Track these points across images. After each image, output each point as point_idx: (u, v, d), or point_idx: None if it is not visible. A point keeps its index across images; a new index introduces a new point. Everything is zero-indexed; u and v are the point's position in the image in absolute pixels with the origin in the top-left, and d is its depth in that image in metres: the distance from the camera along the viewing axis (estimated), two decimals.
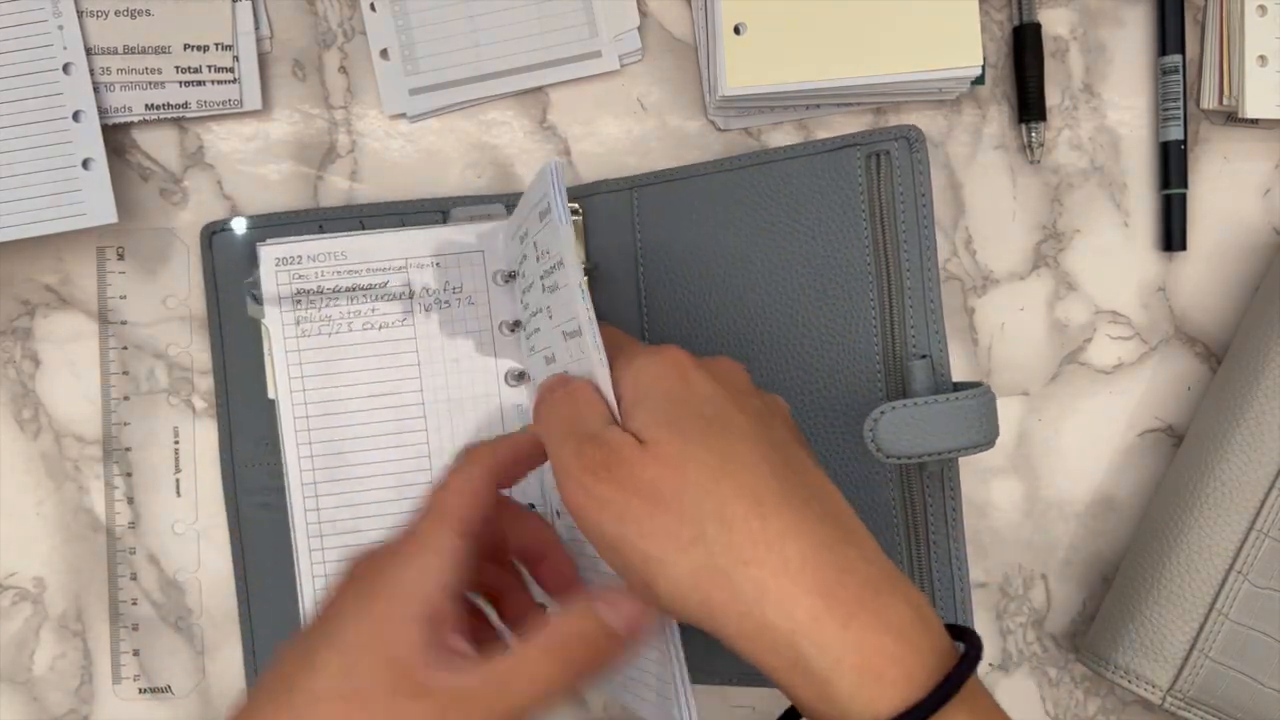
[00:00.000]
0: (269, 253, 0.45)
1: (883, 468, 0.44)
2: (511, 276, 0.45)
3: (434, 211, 0.49)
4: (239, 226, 0.49)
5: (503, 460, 0.35)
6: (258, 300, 0.45)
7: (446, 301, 0.45)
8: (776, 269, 0.46)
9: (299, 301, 0.45)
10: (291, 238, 0.45)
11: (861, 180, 0.44)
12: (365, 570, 0.33)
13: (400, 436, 0.45)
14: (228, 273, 0.48)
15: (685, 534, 0.30)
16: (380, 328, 0.45)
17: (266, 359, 0.45)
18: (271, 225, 0.49)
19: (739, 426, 0.32)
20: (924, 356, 0.43)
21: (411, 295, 0.45)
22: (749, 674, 0.41)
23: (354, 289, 0.45)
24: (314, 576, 0.45)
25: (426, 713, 0.30)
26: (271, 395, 0.45)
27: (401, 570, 0.32)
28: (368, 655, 0.31)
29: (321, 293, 0.45)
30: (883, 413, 0.40)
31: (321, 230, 0.48)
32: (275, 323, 0.45)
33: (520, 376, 0.45)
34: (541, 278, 0.40)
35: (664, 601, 0.31)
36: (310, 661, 0.31)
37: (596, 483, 0.31)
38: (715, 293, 0.47)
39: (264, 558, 0.48)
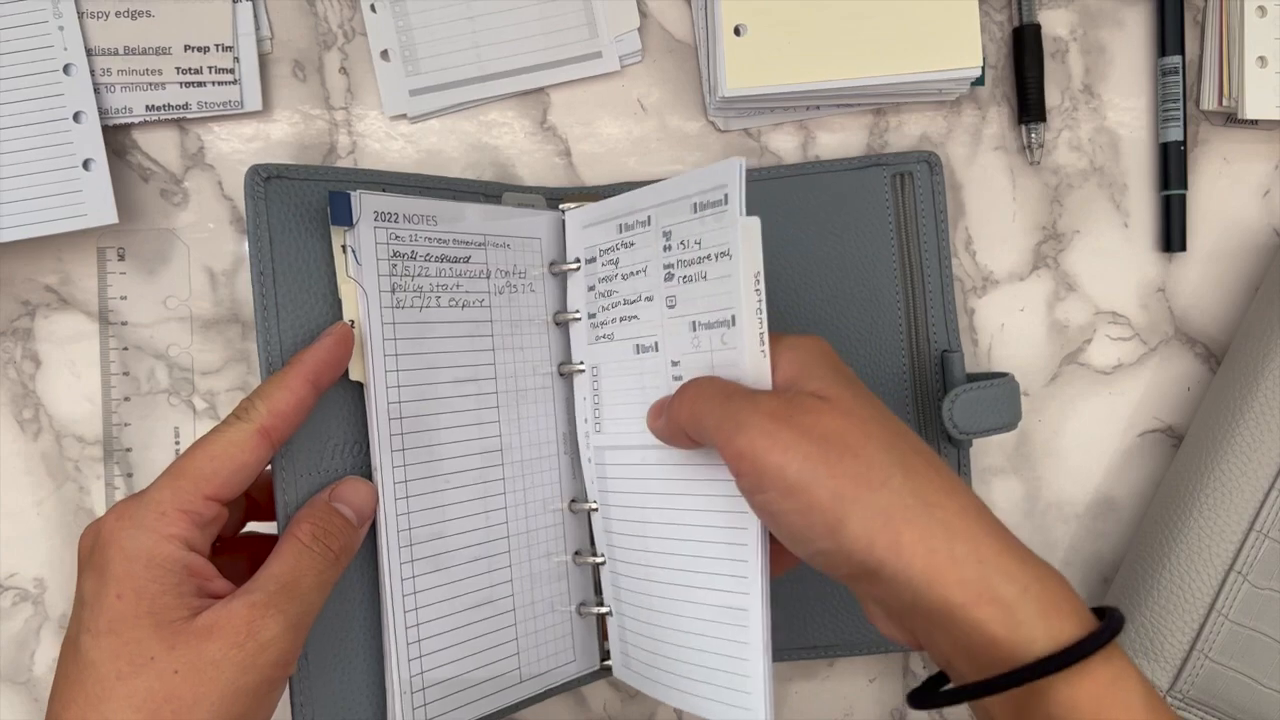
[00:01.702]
0: (370, 203, 0.39)
1: None
2: (560, 268, 0.45)
3: (480, 193, 0.46)
4: (297, 174, 0.39)
5: (279, 415, 0.36)
6: (357, 259, 0.39)
7: (514, 286, 0.43)
8: (806, 273, 0.49)
9: (395, 265, 0.39)
10: (394, 196, 0.39)
11: (889, 195, 0.49)
12: (96, 543, 0.34)
13: (479, 428, 0.42)
14: (286, 228, 0.39)
15: (875, 477, 0.32)
16: (463, 306, 0.42)
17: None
18: (331, 180, 0.40)
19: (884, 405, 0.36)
20: (956, 351, 0.48)
21: (489, 275, 0.42)
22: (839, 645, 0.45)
23: (443, 259, 0.41)
24: (404, 595, 0.39)
25: (222, 649, 0.32)
26: (356, 378, 0.39)
27: (139, 535, 0.33)
28: (132, 627, 0.32)
29: (415, 258, 0.40)
30: (958, 395, 0.46)
31: (385, 192, 0.41)
32: (373, 286, 0.39)
33: (565, 370, 0.45)
34: (669, 266, 0.39)
35: (849, 541, 0.32)
36: (80, 656, 0.32)
37: (780, 427, 0.33)
38: None
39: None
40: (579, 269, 0.44)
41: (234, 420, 0.35)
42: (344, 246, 0.39)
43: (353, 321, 0.39)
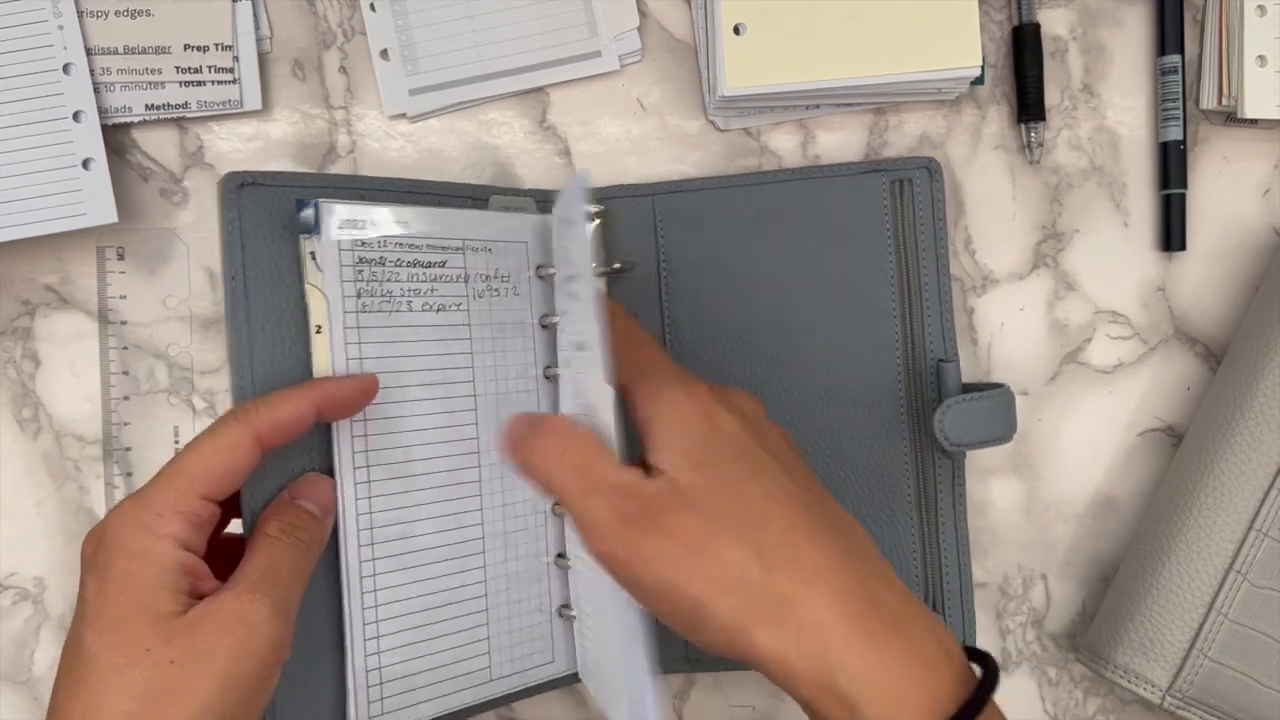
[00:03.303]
0: (335, 210, 0.39)
1: (901, 460, 0.48)
2: (546, 271, 0.45)
3: (466, 197, 0.46)
4: (272, 180, 0.41)
5: (273, 423, 0.36)
6: (319, 266, 0.39)
7: (496, 290, 0.44)
8: (803, 278, 0.48)
9: (360, 271, 0.40)
10: (362, 204, 0.40)
11: (887, 203, 0.48)
12: (99, 545, 0.35)
13: (451, 430, 0.42)
14: (259, 234, 0.40)
15: (730, 576, 0.32)
16: (439, 310, 0.42)
17: (315, 337, 0.39)
18: (310, 186, 0.42)
19: (766, 465, 0.35)
20: (951, 361, 0.48)
21: (467, 279, 0.43)
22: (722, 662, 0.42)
23: (415, 264, 0.41)
24: (363, 592, 0.40)
25: (215, 635, 0.33)
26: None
27: (138, 535, 0.34)
28: (130, 622, 0.33)
29: (384, 264, 0.40)
30: (949, 407, 0.46)
31: (364, 199, 0.42)
32: (335, 293, 0.39)
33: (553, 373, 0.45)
34: (564, 282, 0.40)
35: (712, 641, 0.32)
36: (83, 651, 0.33)
37: (639, 535, 0.33)
38: (740, 298, 0.48)
39: None
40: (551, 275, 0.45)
41: (231, 420, 0.36)
42: (311, 253, 0.40)
43: (319, 327, 0.39)
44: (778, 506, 0.33)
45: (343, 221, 0.39)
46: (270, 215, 0.40)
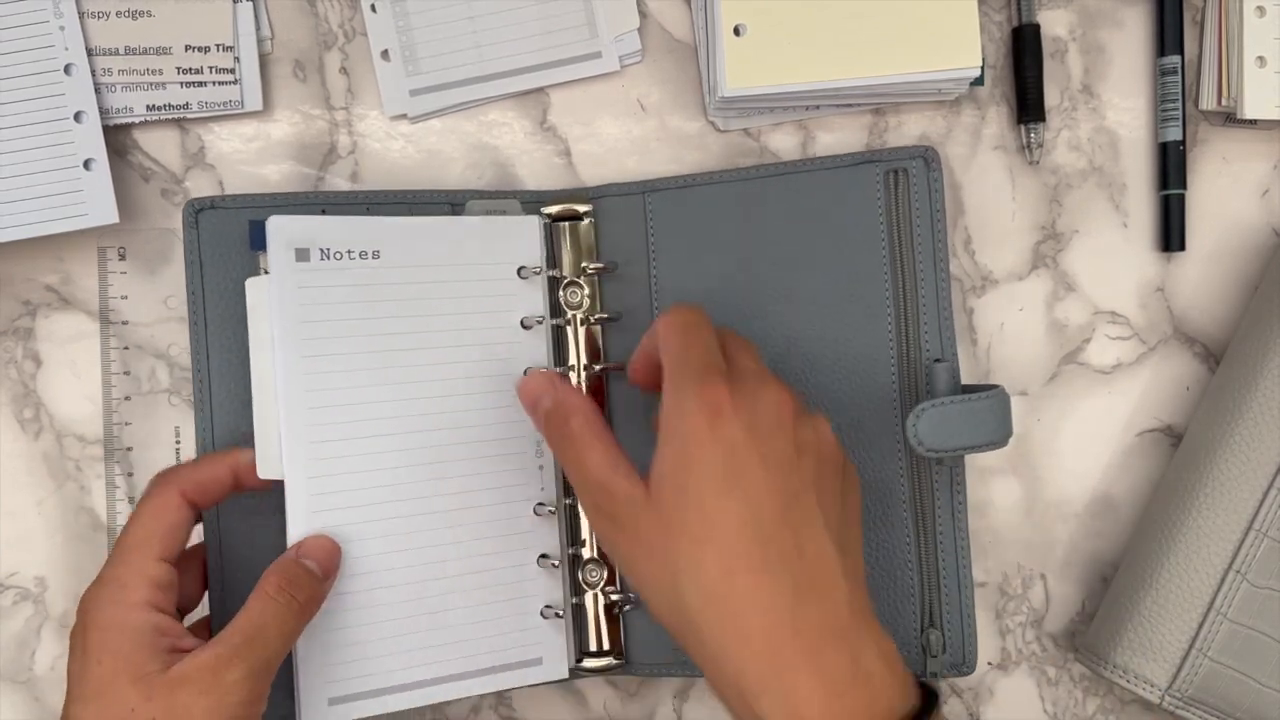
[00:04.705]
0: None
1: (895, 466, 0.47)
2: (533, 272, 0.46)
3: (443, 203, 0.47)
4: (230, 204, 0.45)
5: (195, 483, 0.41)
6: (272, 277, 0.42)
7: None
8: (795, 274, 0.48)
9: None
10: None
11: (881, 195, 0.47)
12: (78, 628, 0.38)
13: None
14: (217, 256, 0.45)
15: (665, 579, 0.35)
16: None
17: (254, 347, 0.42)
18: (268, 206, 0.45)
19: (745, 480, 0.35)
20: (944, 361, 0.46)
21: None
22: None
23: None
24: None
25: (192, 695, 0.36)
26: (270, 382, 0.42)
27: (108, 609, 0.38)
28: (113, 686, 0.36)
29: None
30: (924, 410, 0.43)
31: (325, 214, 0.44)
32: (282, 305, 0.41)
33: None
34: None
35: (656, 619, 0.37)
36: (71, 715, 0.37)
37: (607, 528, 0.37)
38: (731, 294, 0.48)
39: (248, 575, 0.41)
40: (540, 274, 0.46)
41: (158, 485, 0.41)
42: (265, 270, 0.42)
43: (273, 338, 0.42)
44: (731, 531, 0.34)
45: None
46: (227, 235, 0.45)
